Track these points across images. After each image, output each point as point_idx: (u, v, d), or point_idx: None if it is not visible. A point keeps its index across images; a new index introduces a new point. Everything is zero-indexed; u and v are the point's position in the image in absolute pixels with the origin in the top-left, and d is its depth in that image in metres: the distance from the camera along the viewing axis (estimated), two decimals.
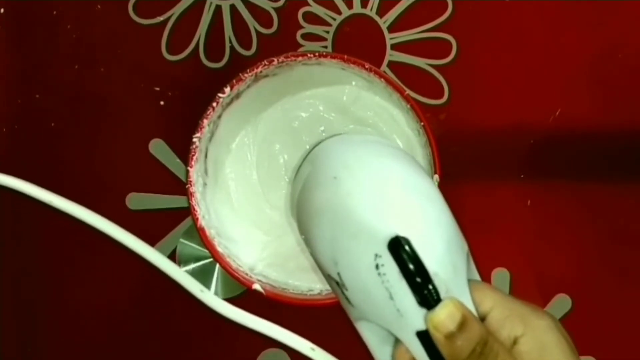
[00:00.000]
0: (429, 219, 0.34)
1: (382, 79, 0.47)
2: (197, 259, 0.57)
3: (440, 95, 0.57)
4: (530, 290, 0.57)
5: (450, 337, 0.32)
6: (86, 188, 0.59)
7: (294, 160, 0.51)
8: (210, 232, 0.47)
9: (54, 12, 0.58)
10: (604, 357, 0.57)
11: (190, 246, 0.57)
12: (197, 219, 0.47)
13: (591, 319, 0.57)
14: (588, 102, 0.57)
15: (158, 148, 0.58)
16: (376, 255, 0.33)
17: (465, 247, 0.36)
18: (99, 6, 0.58)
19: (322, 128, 0.51)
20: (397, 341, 0.34)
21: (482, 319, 0.34)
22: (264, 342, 0.58)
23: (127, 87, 0.58)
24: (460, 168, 0.56)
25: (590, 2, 0.56)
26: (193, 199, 0.47)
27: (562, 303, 0.57)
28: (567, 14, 0.56)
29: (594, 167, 0.57)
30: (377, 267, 0.33)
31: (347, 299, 0.35)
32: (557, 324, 0.34)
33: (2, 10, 0.58)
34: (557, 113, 0.57)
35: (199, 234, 0.47)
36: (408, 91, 0.46)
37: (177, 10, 0.58)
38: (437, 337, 0.32)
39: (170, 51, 0.58)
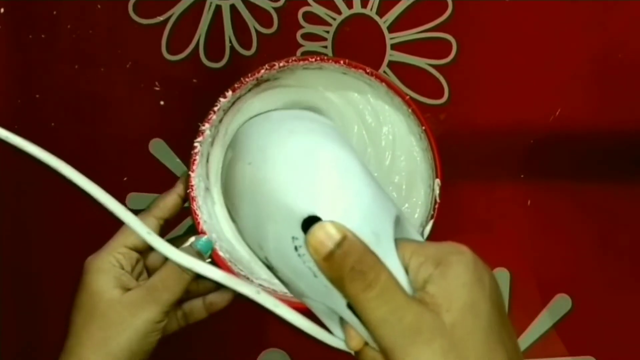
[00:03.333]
0: (344, 193, 0.34)
1: (384, 83, 0.47)
2: None
3: (440, 95, 0.57)
4: (530, 290, 0.57)
5: (329, 256, 0.31)
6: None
7: None
8: (212, 236, 0.47)
9: (54, 12, 0.58)
10: (604, 357, 0.57)
11: None
12: (199, 223, 0.46)
13: (591, 319, 0.57)
14: (588, 102, 0.57)
15: (158, 148, 0.58)
16: (293, 238, 0.33)
17: (393, 210, 0.35)
18: (99, 6, 0.58)
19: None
20: (343, 321, 0.34)
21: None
22: (264, 342, 0.59)
23: (127, 87, 0.58)
24: (460, 168, 0.56)
25: (590, 2, 0.56)
26: (194, 203, 0.46)
27: (562, 303, 0.57)
28: (567, 14, 0.56)
29: (594, 167, 0.57)
30: (295, 248, 0.33)
31: (280, 279, 0.35)
32: (474, 261, 0.32)
33: (2, 10, 0.58)
34: (557, 113, 0.57)
35: None
36: (408, 92, 0.46)
37: (177, 10, 0.58)
38: (316, 259, 0.31)
39: (170, 51, 0.58)
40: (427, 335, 0.30)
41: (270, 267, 0.35)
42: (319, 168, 0.35)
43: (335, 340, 0.34)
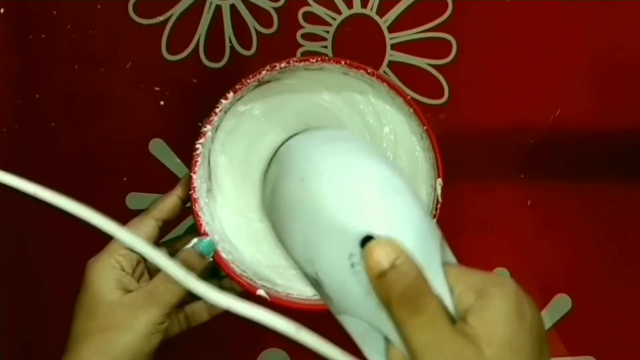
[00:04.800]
0: (399, 214, 0.34)
1: (385, 83, 0.47)
2: None
3: (440, 95, 0.57)
4: (530, 290, 0.57)
5: (382, 275, 0.31)
6: (86, 188, 0.59)
7: None
8: (214, 237, 0.47)
9: (54, 12, 0.58)
10: (604, 357, 0.57)
11: None
12: (201, 224, 0.46)
13: (591, 319, 0.57)
14: (588, 102, 0.57)
15: (158, 148, 0.58)
16: (350, 255, 0.33)
17: (438, 234, 0.35)
18: (99, 6, 0.58)
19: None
20: (388, 341, 0.34)
21: None
22: (264, 342, 0.59)
23: (127, 87, 0.58)
24: (460, 168, 0.56)
25: (590, 2, 0.56)
26: (197, 205, 0.46)
27: (562, 303, 0.57)
28: (567, 14, 0.56)
29: (594, 167, 0.57)
30: (352, 265, 0.33)
31: (326, 295, 0.35)
32: (516, 294, 0.32)
33: (2, 10, 0.58)
34: (557, 113, 0.57)
35: None
36: (408, 92, 0.46)
37: (177, 10, 0.58)
38: (370, 275, 0.31)
39: (170, 51, 0.58)
40: None
41: (316, 283, 0.36)
42: (371, 187, 0.36)
43: None
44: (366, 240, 0.33)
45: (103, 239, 0.47)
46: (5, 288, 0.59)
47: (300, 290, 0.48)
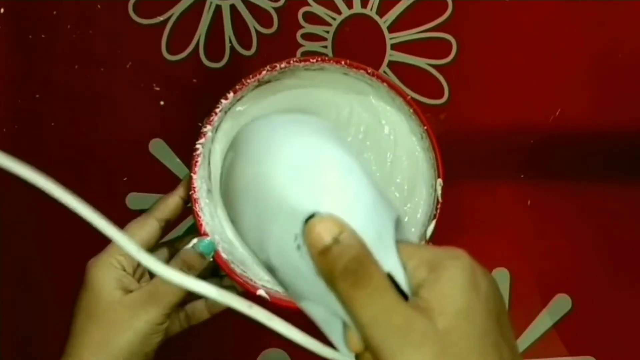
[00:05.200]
0: (347, 193, 0.34)
1: (385, 83, 0.47)
2: None
3: (440, 95, 0.57)
4: (530, 290, 0.57)
5: (324, 251, 0.30)
6: (86, 188, 0.59)
7: None
8: (215, 238, 0.47)
9: (54, 12, 0.58)
10: (604, 357, 0.57)
11: None
12: (201, 225, 0.46)
13: (591, 319, 0.57)
14: (588, 102, 0.57)
15: (158, 148, 0.58)
16: (296, 236, 0.33)
17: (393, 213, 0.35)
18: (99, 6, 0.58)
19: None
20: (346, 324, 0.33)
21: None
22: (264, 342, 0.59)
23: (127, 87, 0.58)
24: (460, 168, 0.56)
25: (590, 2, 0.56)
26: (197, 205, 0.46)
27: (562, 303, 0.57)
28: (567, 14, 0.56)
29: (594, 167, 0.57)
30: (298, 247, 0.32)
31: (280, 281, 0.35)
32: (470, 265, 0.31)
33: (2, 10, 0.58)
34: (557, 113, 0.57)
35: None
36: (408, 92, 0.46)
37: (177, 10, 0.58)
38: (313, 252, 0.31)
39: (170, 51, 0.58)
40: (417, 338, 0.29)
41: (271, 269, 0.35)
42: (322, 168, 0.35)
43: (331, 353, 0.34)
44: (310, 219, 0.32)
45: (103, 239, 0.47)
46: (5, 288, 0.59)
47: None
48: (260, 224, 0.35)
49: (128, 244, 0.33)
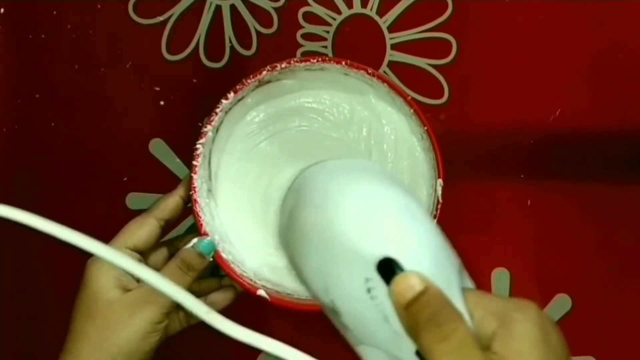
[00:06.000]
0: (415, 238, 0.34)
1: (385, 84, 0.47)
2: None
3: (440, 95, 0.57)
4: (530, 290, 0.57)
5: (410, 303, 0.31)
6: (86, 188, 0.59)
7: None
8: (215, 238, 0.47)
9: (54, 12, 0.58)
10: (604, 357, 0.57)
11: None
12: (202, 224, 0.46)
13: (591, 319, 0.57)
14: (588, 102, 0.57)
15: (158, 148, 0.58)
16: (366, 279, 0.33)
17: (457, 261, 0.35)
18: (99, 6, 0.58)
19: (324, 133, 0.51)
20: None
21: None
22: None
23: (127, 87, 0.58)
24: (460, 168, 0.56)
25: (590, 2, 0.56)
26: (197, 205, 0.46)
27: (562, 303, 0.57)
28: (567, 14, 0.56)
29: (594, 167, 0.57)
30: (368, 290, 0.33)
31: (343, 324, 0.35)
32: (540, 318, 0.32)
33: (2, 10, 0.58)
34: (557, 113, 0.57)
35: None
36: (408, 92, 0.46)
37: (177, 10, 0.58)
38: (397, 307, 0.31)
39: (170, 51, 0.58)
40: None
41: (334, 312, 0.36)
42: (388, 211, 0.36)
43: None
44: (382, 263, 0.33)
45: (105, 239, 0.47)
46: (5, 288, 0.59)
47: (300, 291, 0.48)
48: (325, 267, 0.36)
49: (120, 258, 0.34)
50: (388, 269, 0.33)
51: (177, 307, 0.46)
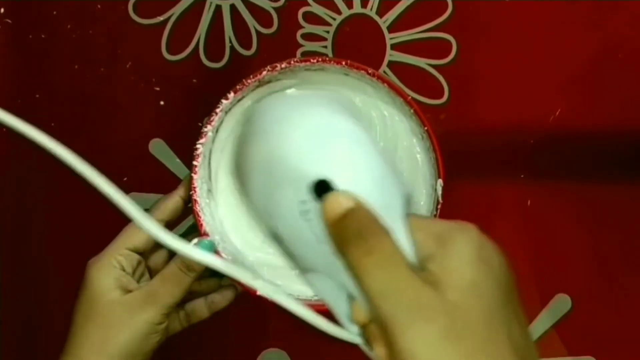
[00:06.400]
0: (356, 162, 0.34)
1: (385, 84, 0.47)
2: None
3: (440, 95, 0.57)
4: (530, 290, 0.57)
5: (338, 220, 0.31)
6: (86, 188, 0.59)
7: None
8: (215, 238, 0.47)
9: (54, 12, 0.58)
10: (604, 357, 0.57)
11: None
12: (202, 225, 0.46)
13: (591, 319, 0.57)
14: (588, 102, 0.57)
15: (158, 148, 0.58)
16: (302, 202, 0.33)
17: (404, 189, 0.35)
18: (99, 6, 0.58)
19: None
20: (352, 298, 0.33)
21: None
22: (264, 342, 0.59)
23: (127, 87, 0.58)
24: (460, 168, 0.56)
25: (590, 2, 0.56)
26: (197, 205, 0.46)
27: (562, 303, 0.57)
28: (567, 14, 0.56)
29: (594, 167, 0.57)
30: (305, 213, 0.33)
31: (287, 251, 0.35)
32: (479, 238, 0.31)
33: (2, 10, 0.58)
34: (557, 113, 0.57)
35: None
36: (408, 92, 0.46)
37: (177, 10, 0.58)
38: (327, 224, 0.31)
39: (170, 51, 0.58)
40: (427, 313, 0.29)
41: (277, 239, 0.36)
42: (333, 136, 0.36)
43: (336, 329, 0.34)
44: (318, 185, 0.33)
45: (103, 239, 0.47)
46: (5, 288, 0.59)
47: (301, 291, 0.48)
48: (269, 191, 0.36)
49: (146, 221, 0.34)
50: (324, 191, 0.32)
51: (177, 307, 0.46)
